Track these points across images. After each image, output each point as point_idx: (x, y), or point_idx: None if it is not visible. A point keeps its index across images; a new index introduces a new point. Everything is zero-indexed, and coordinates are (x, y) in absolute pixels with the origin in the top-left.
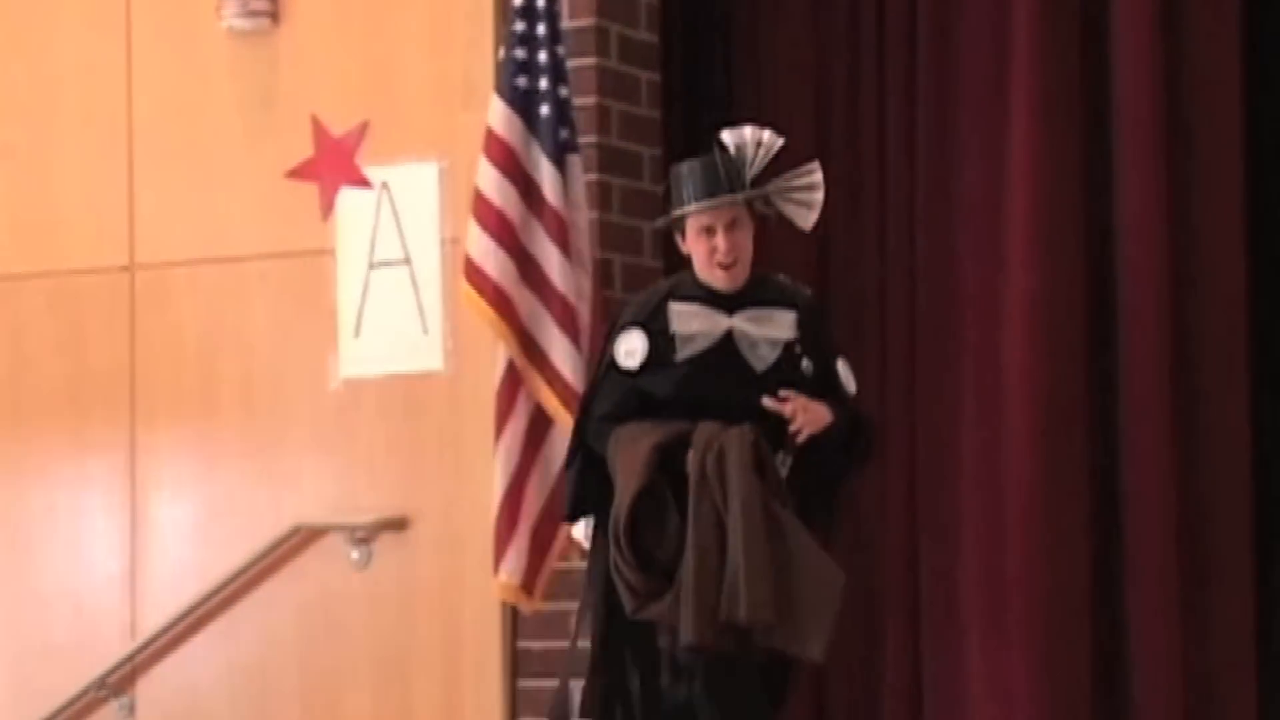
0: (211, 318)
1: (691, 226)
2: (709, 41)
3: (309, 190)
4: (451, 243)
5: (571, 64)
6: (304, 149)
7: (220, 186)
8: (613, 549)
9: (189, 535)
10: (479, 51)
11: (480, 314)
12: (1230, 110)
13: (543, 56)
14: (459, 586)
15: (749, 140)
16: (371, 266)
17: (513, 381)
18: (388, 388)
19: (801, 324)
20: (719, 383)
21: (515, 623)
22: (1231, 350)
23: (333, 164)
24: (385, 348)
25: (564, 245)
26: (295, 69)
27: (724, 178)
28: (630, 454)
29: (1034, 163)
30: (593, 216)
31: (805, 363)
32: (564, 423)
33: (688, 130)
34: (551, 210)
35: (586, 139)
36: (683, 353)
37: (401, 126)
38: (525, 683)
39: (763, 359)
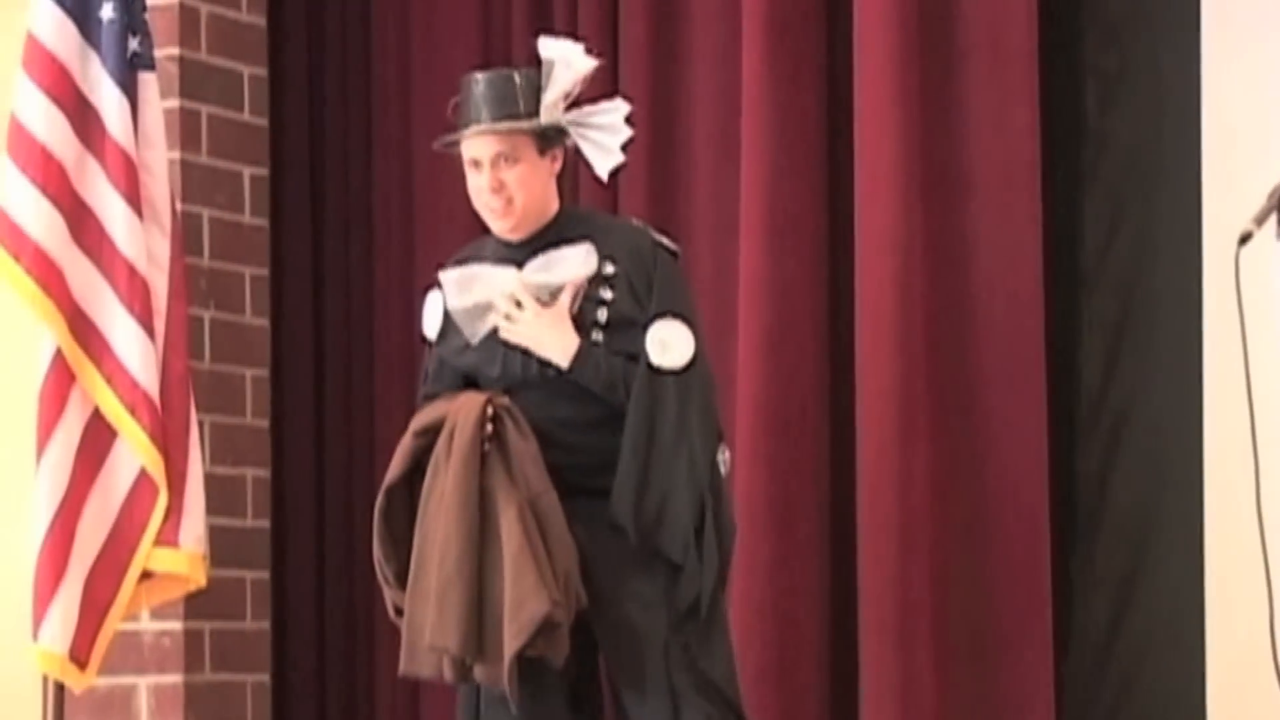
0: None
1: (464, 159)
2: None
3: None
4: None
5: None
6: None
7: None
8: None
9: None
10: None
11: (17, 287)
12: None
13: None
14: None
15: (558, 57)
16: None
17: (61, 378)
18: None
19: (618, 271)
20: (521, 355)
21: (61, 703)
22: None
23: None
24: None
25: (132, 195)
26: None
27: (511, 98)
28: (399, 446)
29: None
30: (173, 157)
31: (604, 315)
32: (130, 434)
33: (310, 41)
34: (115, 147)
35: (166, 52)
36: (478, 330)
37: None
38: None
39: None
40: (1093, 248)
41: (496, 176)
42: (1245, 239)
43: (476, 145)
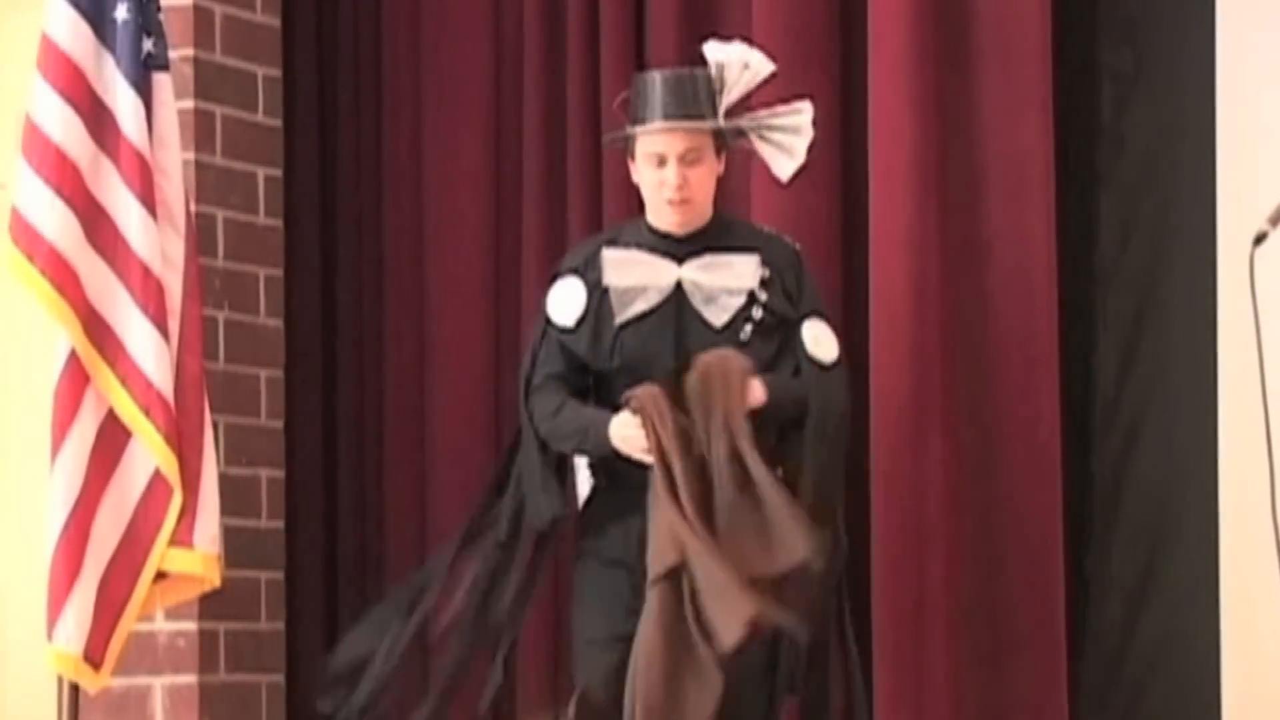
0: None
1: (640, 152)
2: None
3: None
4: None
5: None
6: None
7: None
8: (685, 529)
9: None
10: None
11: (32, 288)
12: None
13: None
14: None
15: (734, 60)
16: None
17: (76, 379)
18: None
19: (773, 274)
20: (673, 347)
21: (75, 705)
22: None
23: None
24: None
25: (146, 196)
26: None
27: (694, 98)
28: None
29: None
30: (187, 158)
31: (759, 313)
32: (145, 435)
33: (320, 42)
34: (130, 149)
35: (180, 53)
36: (623, 313)
37: None
38: None
39: (722, 312)
40: (1107, 248)
41: (682, 173)
42: (1260, 239)
43: (664, 141)
